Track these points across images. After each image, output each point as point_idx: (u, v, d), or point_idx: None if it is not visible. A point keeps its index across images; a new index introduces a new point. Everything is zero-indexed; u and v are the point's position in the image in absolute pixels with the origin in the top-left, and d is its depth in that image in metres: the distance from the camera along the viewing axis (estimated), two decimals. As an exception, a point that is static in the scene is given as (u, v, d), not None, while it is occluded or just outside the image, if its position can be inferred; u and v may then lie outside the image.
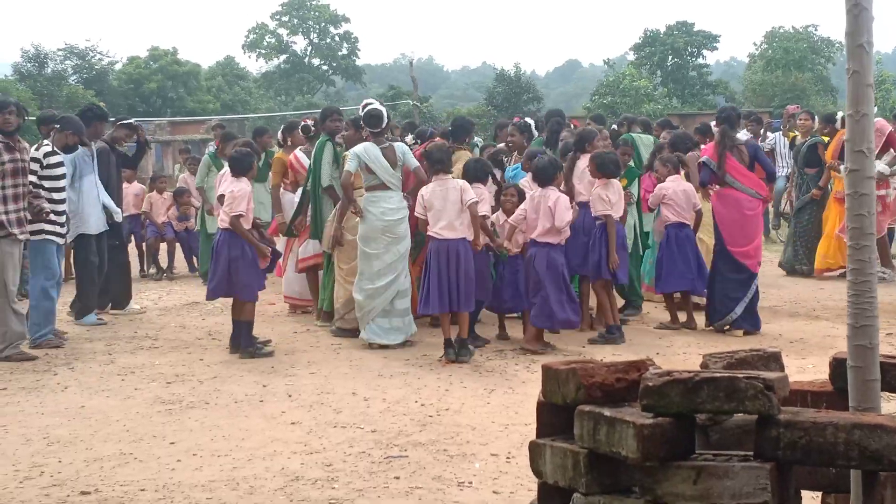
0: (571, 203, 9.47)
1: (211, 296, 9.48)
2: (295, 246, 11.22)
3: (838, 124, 13.42)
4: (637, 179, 10.98)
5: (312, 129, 11.39)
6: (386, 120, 9.75)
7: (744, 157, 9.99)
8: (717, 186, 10.05)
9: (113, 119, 12.42)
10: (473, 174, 9.50)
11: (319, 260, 10.85)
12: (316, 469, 5.90)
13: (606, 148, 10.54)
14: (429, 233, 9.02)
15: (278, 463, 6.03)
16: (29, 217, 9.27)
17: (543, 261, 9.10)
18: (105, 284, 11.26)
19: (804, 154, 14.02)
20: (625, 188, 10.39)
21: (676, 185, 10.23)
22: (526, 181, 9.88)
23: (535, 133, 11.36)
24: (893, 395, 3.46)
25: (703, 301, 10.59)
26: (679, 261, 10.05)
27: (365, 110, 9.84)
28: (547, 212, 9.06)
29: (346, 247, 9.96)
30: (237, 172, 9.37)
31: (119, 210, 11.33)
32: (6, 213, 9.00)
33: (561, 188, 9.47)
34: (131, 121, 12.59)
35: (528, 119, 11.57)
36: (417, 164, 9.62)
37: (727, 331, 9.94)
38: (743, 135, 16.84)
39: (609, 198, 9.56)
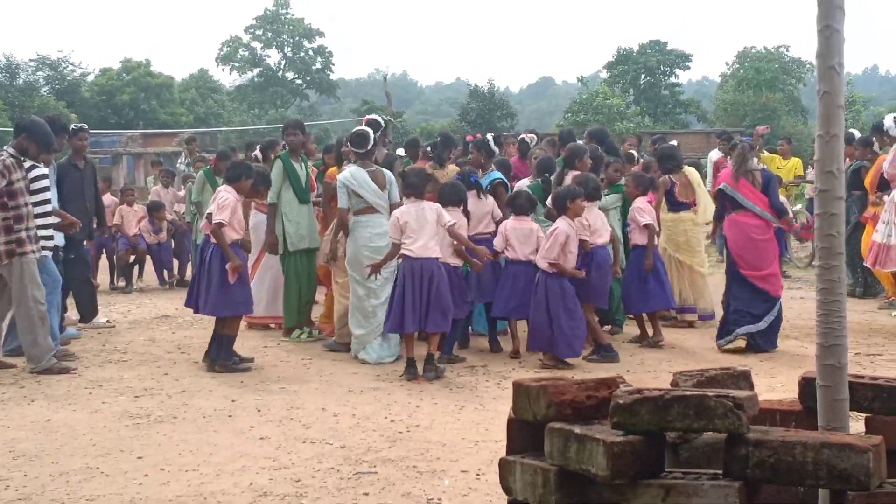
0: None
1: (212, 311, 9.30)
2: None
3: (876, 146, 13.25)
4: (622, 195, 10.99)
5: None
6: (372, 141, 9.73)
7: (757, 182, 10.04)
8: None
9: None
10: (448, 198, 9.53)
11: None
12: (284, 484, 5.86)
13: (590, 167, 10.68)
14: (402, 252, 8.95)
15: (247, 478, 5.99)
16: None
17: (544, 288, 9.19)
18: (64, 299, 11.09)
19: (849, 178, 13.60)
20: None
21: (646, 206, 10.30)
22: None
23: (495, 149, 11.36)
24: (862, 414, 3.47)
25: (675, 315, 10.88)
26: (649, 280, 10.11)
27: (353, 132, 9.91)
28: (536, 241, 9.30)
29: (341, 262, 9.95)
30: (231, 180, 9.32)
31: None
32: (27, 230, 8.97)
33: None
34: (80, 125, 12.39)
35: (488, 135, 11.58)
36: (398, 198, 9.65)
37: (729, 348, 9.97)
38: (714, 154, 16.94)
39: (589, 223, 9.58)
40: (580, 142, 11.90)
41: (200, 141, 18.02)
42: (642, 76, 63.79)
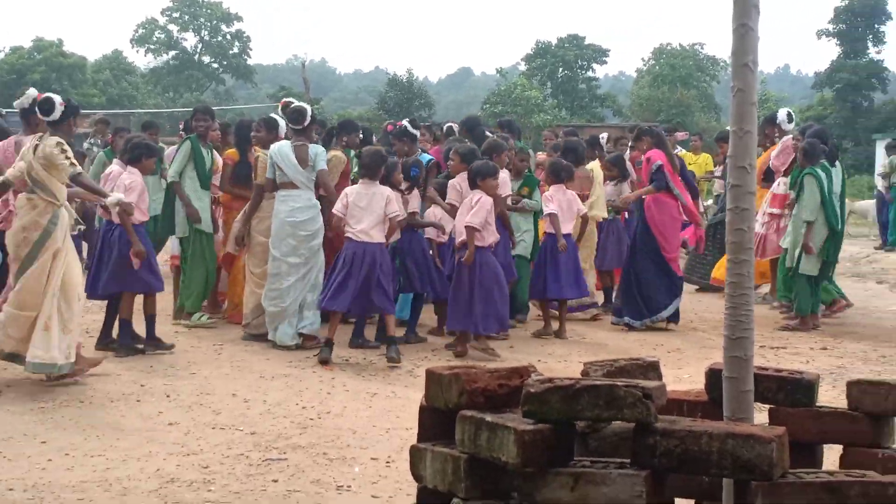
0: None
1: (105, 290, 9.10)
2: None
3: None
4: (537, 187, 11.05)
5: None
6: (309, 118, 9.72)
7: (676, 167, 10.59)
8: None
9: None
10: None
11: (177, 261, 11.00)
12: (192, 471, 5.80)
13: (512, 161, 10.78)
14: (346, 232, 8.99)
15: (153, 464, 5.92)
16: None
17: (467, 264, 9.08)
18: None
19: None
20: (527, 196, 10.54)
21: (561, 195, 10.35)
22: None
23: (415, 132, 11.33)
24: (766, 405, 3.54)
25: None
26: (560, 268, 10.20)
27: (291, 107, 9.86)
28: (467, 211, 9.10)
29: (257, 250, 9.85)
30: (132, 161, 9.13)
31: None
32: None
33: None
34: None
35: (404, 122, 11.54)
36: (325, 167, 9.61)
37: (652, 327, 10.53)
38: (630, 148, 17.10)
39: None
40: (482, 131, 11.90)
41: (114, 123, 17.59)
42: (560, 69, 64.31)
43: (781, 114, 12.67)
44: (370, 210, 8.94)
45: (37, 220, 7.76)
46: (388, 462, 6.00)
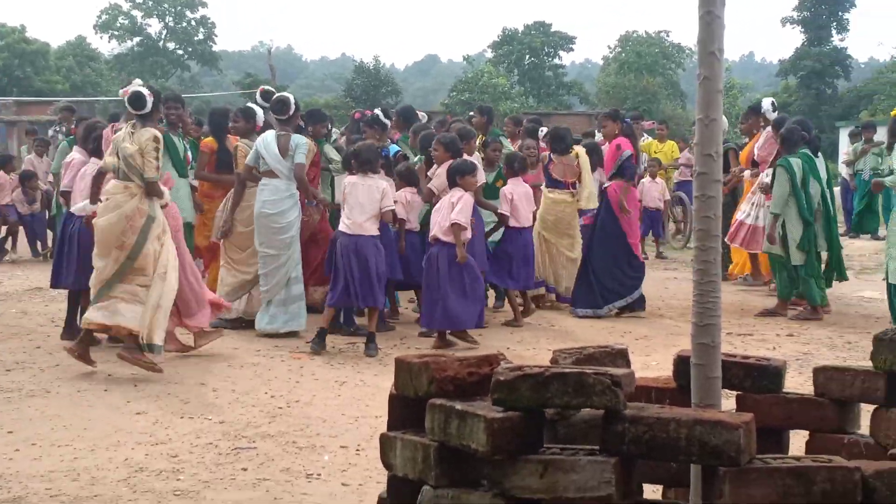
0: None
1: (71, 285, 9.03)
2: None
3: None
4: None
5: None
6: (294, 107, 9.74)
7: (639, 156, 11.05)
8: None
9: None
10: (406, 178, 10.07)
11: None
12: (161, 460, 5.78)
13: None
14: (340, 227, 9.04)
15: (122, 454, 5.90)
16: None
17: (445, 260, 9.06)
18: None
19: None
20: (501, 187, 10.55)
21: (518, 188, 10.36)
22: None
23: (387, 122, 11.30)
24: (733, 392, 3.57)
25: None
26: (517, 260, 10.25)
27: (274, 98, 9.87)
28: (448, 209, 9.09)
29: (237, 237, 9.82)
30: (95, 151, 9.07)
31: None
32: None
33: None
34: None
35: (376, 111, 11.52)
36: (302, 160, 9.57)
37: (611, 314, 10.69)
38: (597, 136, 17.12)
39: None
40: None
41: (78, 111, 17.42)
42: (527, 57, 64.29)
43: (766, 103, 12.64)
44: (366, 203, 8.96)
45: (139, 206, 7.95)
46: (357, 450, 6.00)
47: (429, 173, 9.98)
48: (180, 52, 75.71)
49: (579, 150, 11.68)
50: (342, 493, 5.28)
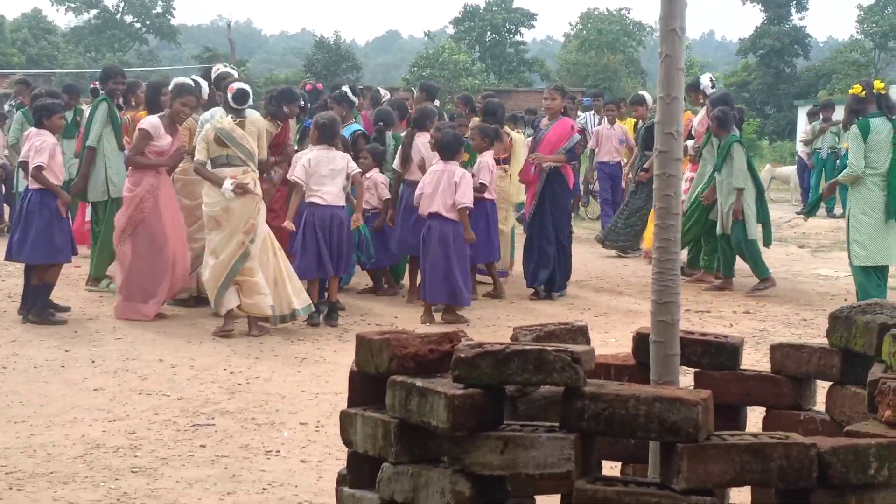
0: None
1: (29, 258, 8.95)
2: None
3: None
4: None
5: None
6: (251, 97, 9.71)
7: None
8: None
9: None
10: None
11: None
12: (118, 437, 5.75)
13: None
14: (309, 199, 8.93)
15: (79, 430, 5.86)
16: None
17: (436, 235, 9.14)
18: None
19: (643, 136, 13.92)
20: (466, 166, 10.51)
21: (490, 160, 10.34)
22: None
23: (354, 100, 11.25)
24: (691, 368, 3.59)
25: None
26: (483, 234, 10.21)
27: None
28: (450, 187, 9.11)
29: (182, 211, 9.73)
30: (38, 124, 8.99)
31: None
32: None
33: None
34: None
35: (344, 88, 11.43)
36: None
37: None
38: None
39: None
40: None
41: (34, 84, 17.16)
42: (488, 33, 64.19)
43: (704, 79, 12.73)
44: (333, 174, 8.92)
45: (257, 191, 8.67)
46: (317, 427, 6.00)
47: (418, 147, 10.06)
48: (138, 25, 74.93)
49: (515, 134, 11.81)
50: (301, 469, 5.27)
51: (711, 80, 12.72)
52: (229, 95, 8.80)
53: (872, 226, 9.11)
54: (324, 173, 8.89)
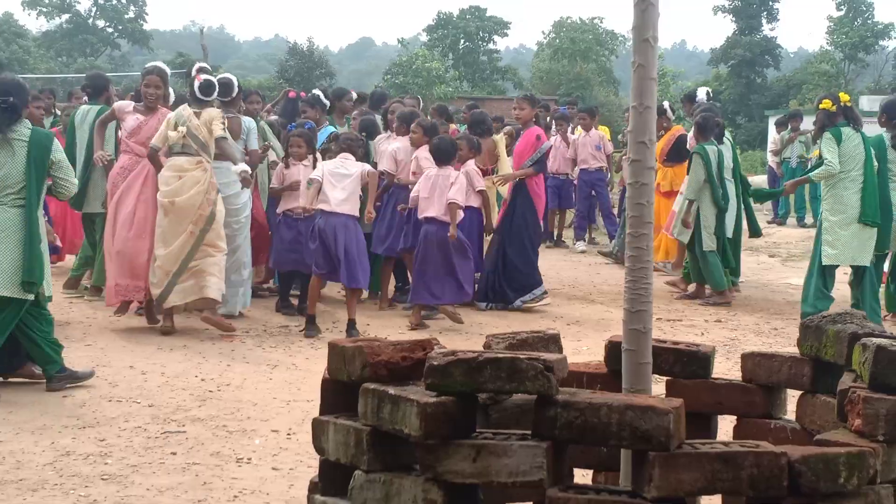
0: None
1: None
2: None
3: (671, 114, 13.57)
4: None
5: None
6: (237, 89, 9.77)
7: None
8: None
9: None
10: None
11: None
12: (88, 444, 5.71)
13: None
14: (320, 206, 8.89)
15: (48, 437, 5.81)
16: None
17: (434, 239, 9.24)
18: None
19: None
20: None
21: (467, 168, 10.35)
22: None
23: (327, 104, 11.23)
24: (663, 377, 3.61)
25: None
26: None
27: (218, 79, 9.56)
28: (447, 189, 9.22)
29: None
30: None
31: None
32: None
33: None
34: None
35: (316, 91, 11.44)
36: (255, 146, 9.72)
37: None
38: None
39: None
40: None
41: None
42: (461, 41, 64.25)
43: (701, 92, 12.79)
44: (347, 182, 8.92)
45: (211, 180, 8.73)
46: (288, 434, 5.98)
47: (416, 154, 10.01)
48: (110, 30, 74.48)
49: (497, 137, 11.81)
50: (273, 477, 5.25)
51: (708, 94, 12.77)
52: (195, 85, 8.83)
53: (842, 225, 9.25)
54: (335, 183, 8.89)
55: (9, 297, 6.61)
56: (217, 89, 8.95)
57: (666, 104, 12.99)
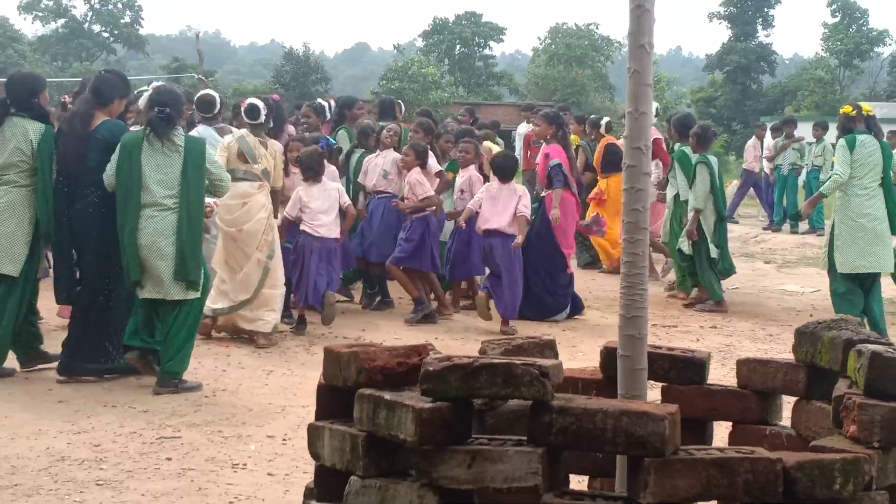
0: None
1: None
2: None
3: (603, 129, 14.01)
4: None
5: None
6: (218, 105, 9.76)
7: (573, 160, 10.96)
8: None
9: None
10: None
11: None
12: (83, 449, 5.70)
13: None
14: (304, 228, 9.05)
15: (43, 442, 5.80)
16: None
17: (501, 250, 9.44)
18: None
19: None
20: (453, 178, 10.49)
21: (471, 174, 10.33)
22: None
23: (328, 114, 11.26)
24: (658, 383, 3.61)
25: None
26: (473, 249, 10.16)
27: (198, 97, 9.70)
28: (512, 203, 9.44)
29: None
30: None
31: None
32: None
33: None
34: None
35: (321, 101, 11.49)
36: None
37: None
38: (523, 127, 17.10)
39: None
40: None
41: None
42: (457, 47, 64.37)
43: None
44: (327, 205, 9.11)
45: (268, 203, 8.74)
46: (284, 440, 5.97)
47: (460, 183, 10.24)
48: (106, 34, 74.45)
49: (490, 144, 11.88)
50: (268, 483, 5.25)
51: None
52: (242, 110, 8.95)
53: (855, 232, 9.15)
54: (316, 207, 9.07)
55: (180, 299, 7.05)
56: (262, 112, 8.84)
57: (606, 119, 13.41)
